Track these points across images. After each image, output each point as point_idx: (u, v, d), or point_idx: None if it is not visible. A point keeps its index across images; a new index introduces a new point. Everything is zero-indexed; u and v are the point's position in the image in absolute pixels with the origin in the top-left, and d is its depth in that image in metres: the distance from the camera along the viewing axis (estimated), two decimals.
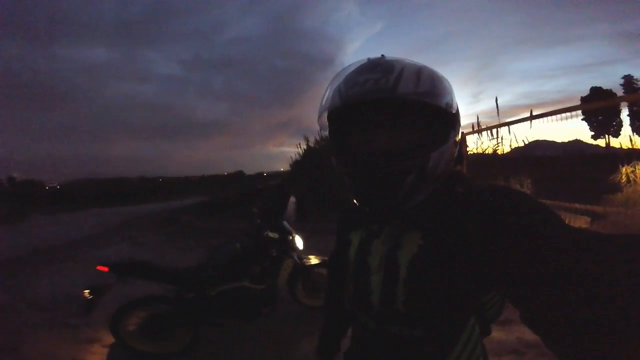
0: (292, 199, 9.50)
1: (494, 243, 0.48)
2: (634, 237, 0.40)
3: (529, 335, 2.30)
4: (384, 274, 0.63)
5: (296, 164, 10.64)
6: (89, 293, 2.32)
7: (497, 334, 2.41)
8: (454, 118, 0.61)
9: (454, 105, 0.60)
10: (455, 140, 0.62)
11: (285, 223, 3.01)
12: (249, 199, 10.22)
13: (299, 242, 2.99)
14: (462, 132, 4.76)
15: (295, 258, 2.94)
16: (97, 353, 2.58)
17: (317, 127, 0.69)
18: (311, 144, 10.28)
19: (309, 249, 3.21)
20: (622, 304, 0.35)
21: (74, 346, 2.69)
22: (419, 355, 0.61)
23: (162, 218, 9.73)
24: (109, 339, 2.71)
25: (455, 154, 0.64)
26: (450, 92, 0.60)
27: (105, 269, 2.37)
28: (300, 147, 10.56)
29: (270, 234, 2.78)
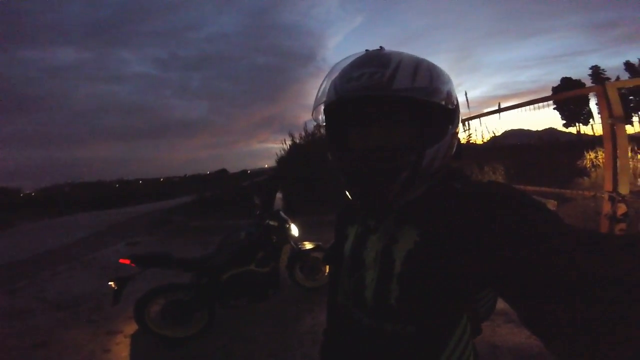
0: (279, 195, 9.69)
1: (491, 242, 0.47)
2: (634, 237, 0.43)
3: (497, 304, 2.68)
4: (378, 268, 0.62)
5: (282, 160, 10.75)
6: (115, 284, 2.61)
7: None
8: (453, 113, 0.60)
9: (453, 99, 0.60)
10: (454, 133, 0.61)
11: (281, 213, 3.38)
12: (238, 196, 10.42)
13: (294, 229, 3.36)
14: None
15: (293, 244, 3.33)
16: (121, 343, 2.84)
17: (301, 123, 0.73)
18: (297, 140, 10.47)
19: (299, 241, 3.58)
20: (624, 303, 0.35)
21: (98, 338, 2.94)
22: (412, 353, 0.60)
23: (152, 219, 9.80)
24: (129, 329, 3.01)
25: (454, 149, 0.63)
26: (449, 86, 0.59)
27: (127, 261, 2.66)
28: (285, 143, 10.71)
29: (271, 222, 3.14)
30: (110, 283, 2.64)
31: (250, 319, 3.10)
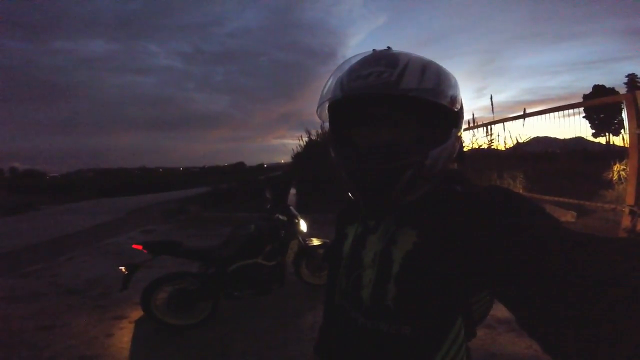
0: (293, 191, 9.71)
1: (490, 243, 0.47)
2: (633, 240, 0.41)
3: (499, 312, 2.62)
4: (377, 269, 0.63)
5: (298, 156, 10.80)
6: (125, 269, 2.68)
7: None
8: (457, 115, 0.61)
9: (458, 102, 0.60)
10: (457, 136, 0.62)
11: (292, 208, 3.38)
12: (253, 189, 10.51)
13: (303, 225, 3.35)
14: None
15: (300, 239, 3.31)
16: (125, 328, 2.90)
17: (318, 121, 0.69)
18: (313, 137, 10.49)
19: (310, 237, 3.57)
20: (624, 305, 0.34)
21: (104, 323, 3.00)
22: (406, 354, 0.61)
23: (168, 208, 9.98)
24: (135, 315, 3.07)
25: (457, 151, 0.64)
26: (455, 89, 0.59)
27: (140, 247, 2.72)
28: (302, 140, 10.74)
29: (281, 217, 3.16)
30: (121, 268, 2.71)
31: (252, 312, 3.11)
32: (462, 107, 0.62)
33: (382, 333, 0.61)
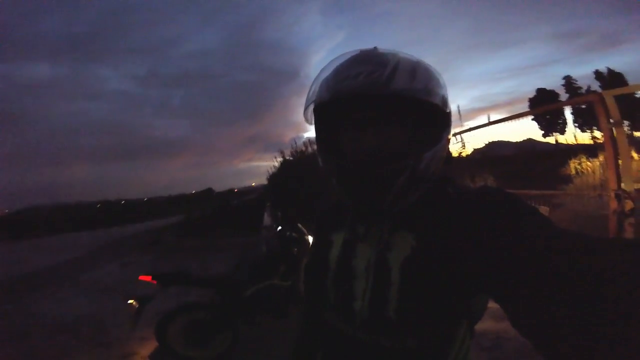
0: (267, 213, 9.57)
1: (486, 243, 0.47)
2: (631, 240, 0.41)
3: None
4: (373, 278, 0.58)
5: (273, 177, 10.78)
6: (135, 302, 2.44)
7: None
8: (448, 117, 0.59)
9: (448, 104, 0.59)
10: (448, 139, 0.60)
11: (300, 225, 3.24)
12: (228, 215, 10.28)
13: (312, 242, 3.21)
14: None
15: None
16: None
17: (287, 141, 0.68)
18: (287, 157, 10.52)
19: None
20: (621, 303, 0.34)
21: None
22: None
23: (141, 240, 9.54)
24: (145, 351, 2.87)
25: (446, 154, 0.62)
26: (445, 90, 0.58)
27: (149, 278, 2.52)
28: (276, 160, 10.77)
29: (293, 234, 3.05)
30: (130, 301, 2.43)
31: (273, 338, 2.87)
32: (451, 110, 0.60)
33: (385, 348, 0.56)
